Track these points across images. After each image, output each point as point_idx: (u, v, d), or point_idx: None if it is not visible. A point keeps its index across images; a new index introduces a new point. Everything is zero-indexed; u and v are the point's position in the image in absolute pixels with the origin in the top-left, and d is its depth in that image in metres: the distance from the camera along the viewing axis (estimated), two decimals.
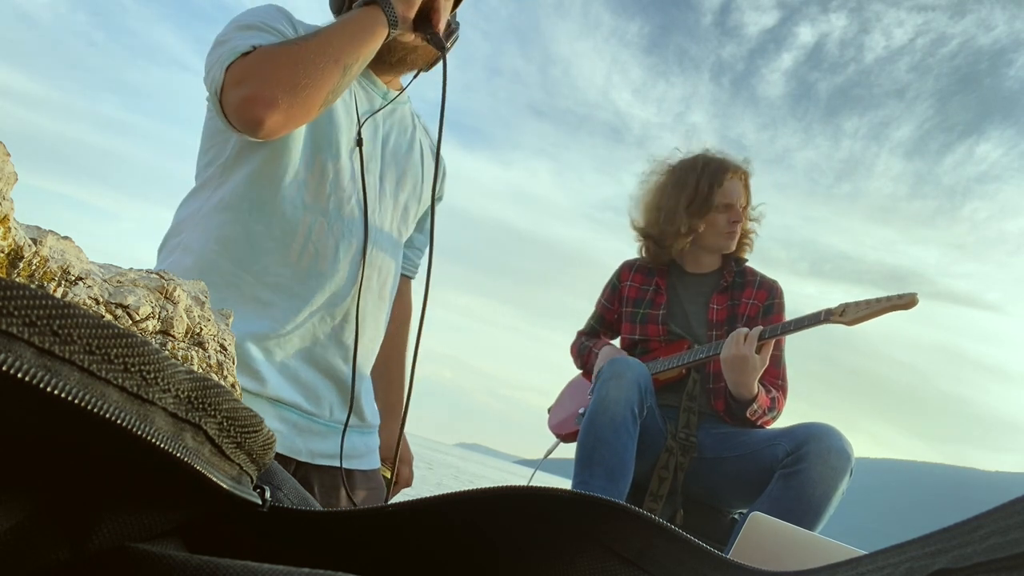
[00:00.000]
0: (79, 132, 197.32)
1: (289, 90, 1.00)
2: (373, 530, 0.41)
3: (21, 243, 0.31)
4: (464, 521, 0.41)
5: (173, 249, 1.19)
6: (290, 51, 1.02)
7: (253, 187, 1.15)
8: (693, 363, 1.82)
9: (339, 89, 1.06)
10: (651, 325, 1.95)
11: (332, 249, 1.17)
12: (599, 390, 1.68)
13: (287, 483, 0.45)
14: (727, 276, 1.94)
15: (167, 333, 0.39)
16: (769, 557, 0.66)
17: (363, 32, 1.07)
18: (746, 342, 1.66)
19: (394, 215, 1.31)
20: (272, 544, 0.41)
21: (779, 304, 1.89)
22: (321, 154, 1.18)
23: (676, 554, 0.38)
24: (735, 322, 1.88)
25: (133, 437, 0.25)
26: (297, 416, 1.19)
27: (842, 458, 1.49)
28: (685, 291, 1.98)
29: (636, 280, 2.04)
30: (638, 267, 2.05)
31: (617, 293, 2.07)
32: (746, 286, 1.93)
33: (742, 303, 1.90)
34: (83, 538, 0.29)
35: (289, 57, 1.02)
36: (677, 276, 2.01)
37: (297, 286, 1.15)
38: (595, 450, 1.62)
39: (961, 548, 0.24)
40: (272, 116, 1.00)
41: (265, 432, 0.36)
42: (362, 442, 1.30)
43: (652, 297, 1.98)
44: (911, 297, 1.56)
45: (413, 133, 1.37)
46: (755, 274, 1.95)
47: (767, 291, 1.90)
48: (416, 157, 1.35)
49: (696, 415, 1.80)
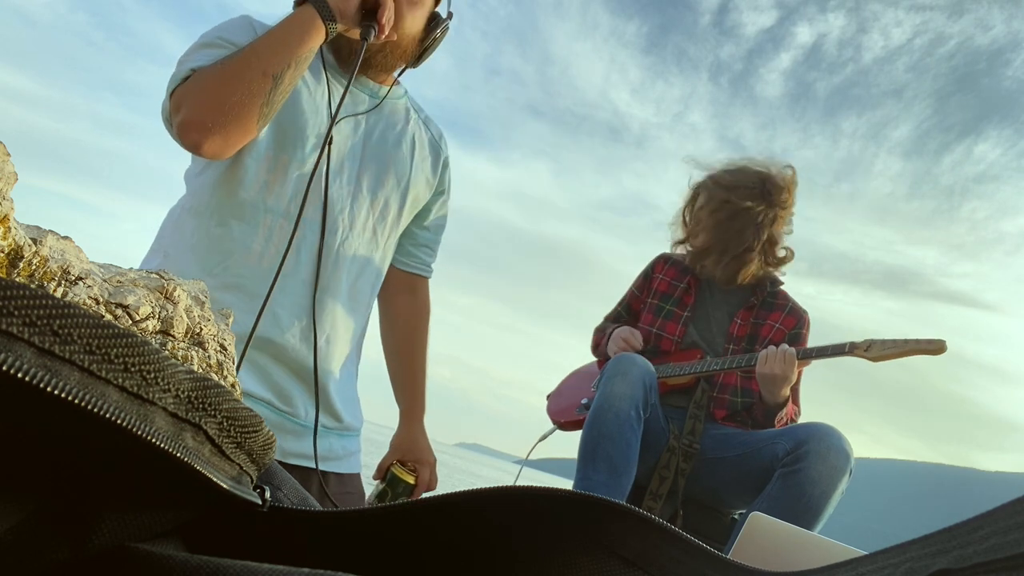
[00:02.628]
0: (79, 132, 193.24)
1: (218, 112, 1.01)
2: (373, 530, 0.41)
3: (21, 243, 0.31)
4: (464, 521, 0.41)
5: (154, 253, 1.23)
6: (217, 72, 1.03)
7: (216, 192, 1.17)
8: (705, 374, 1.81)
9: (274, 100, 1.06)
10: (671, 323, 1.94)
11: (294, 249, 1.15)
12: (604, 386, 1.68)
13: (287, 483, 0.45)
14: (759, 295, 1.91)
15: (167, 333, 0.39)
16: (769, 557, 0.66)
17: (293, 36, 1.05)
18: (787, 362, 1.65)
19: (371, 212, 1.29)
20: (272, 544, 0.41)
21: (804, 335, 1.87)
22: (284, 154, 1.18)
23: (676, 554, 0.38)
24: (755, 342, 1.86)
25: (133, 437, 0.25)
26: (268, 411, 1.18)
27: (841, 457, 1.49)
28: (713, 296, 1.96)
29: (669, 275, 2.02)
30: (674, 262, 2.04)
31: (648, 283, 2.05)
32: (775, 309, 1.90)
33: (767, 325, 1.88)
34: (83, 538, 0.29)
35: (216, 78, 1.03)
36: (707, 282, 1.98)
37: (259, 287, 1.14)
38: (599, 445, 1.62)
39: (961, 548, 0.24)
40: (209, 140, 1.02)
41: (265, 432, 0.36)
42: (339, 444, 1.29)
43: (681, 296, 1.97)
44: (939, 343, 1.54)
45: (404, 128, 1.35)
46: (787, 299, 1.92)
47: (796, 319, 1.88)
48: (404, 152, 1.33)
49: (702, 422, 1.80)
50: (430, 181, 1.40)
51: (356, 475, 1.35)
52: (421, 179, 1.37)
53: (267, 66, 1.03)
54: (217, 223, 1.17)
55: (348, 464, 1.31)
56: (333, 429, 1.28)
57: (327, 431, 1.26)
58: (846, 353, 1.66)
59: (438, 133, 1.44)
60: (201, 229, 1.17)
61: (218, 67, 1.04)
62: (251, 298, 1.14)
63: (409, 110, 1.38)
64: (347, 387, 1.32)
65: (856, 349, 1.64)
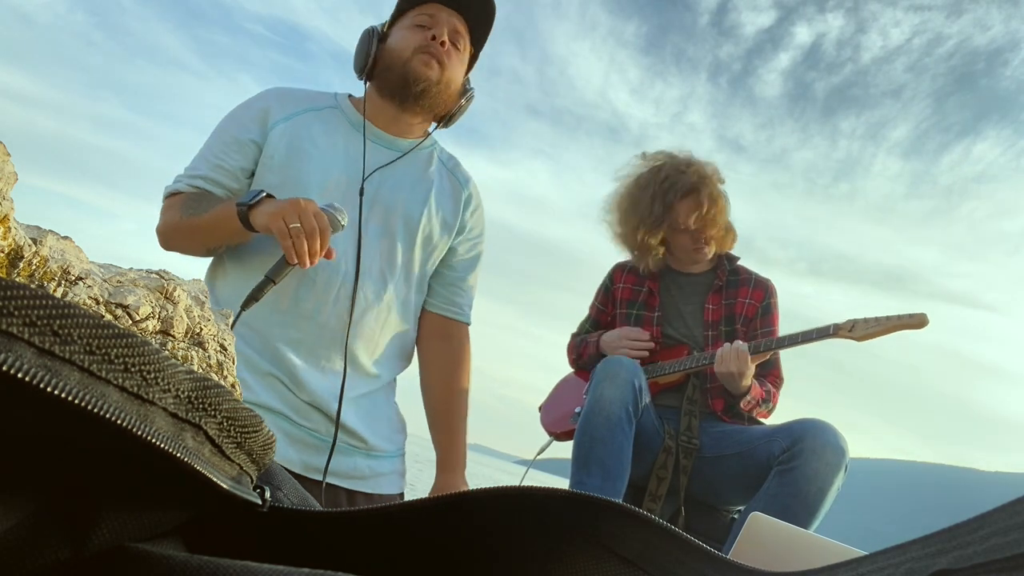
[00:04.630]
0: (79, 132, 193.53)
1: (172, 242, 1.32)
2: (373, 530, 0.41)
3: (21, 243, 0.31)
4: (463, 521, 0.41)
5: None
6: (174, 222, 1.29)
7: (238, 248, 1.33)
8: (693, 369, 1.82)
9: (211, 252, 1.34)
10: (645, 326, 1.95)
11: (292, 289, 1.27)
12: (594, 390, 1.68)
13: (287, 483, 0.45)
14: (720, 275, 1.94)
15: (167, 333, 0.39)
16: (769, 557, 0.66)
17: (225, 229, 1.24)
18: (740, 359, 1.67)
19: (378, 256, 1.34)
20: (272, 544, 0.41)
21: (775, 303, 1.91)
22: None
23: (676, 554, 0.38)
24: (733, 321, 1.88)
25: (133, 437, 0.25)
26: (289, 425, 1.22)
27: (837, 454, 1.50)
28: (679, 291, 1.98)
29: (628, 281, 2.04)
30: (630, 268, 2.05)
31: (610, 295, 2.07)
32: (740, 284, 1.93)
33: (738, 302, 1.90)
34: (83, 538, 0.29)
35: (172, 227, 1.30)
36: (670, 277, 2.01)
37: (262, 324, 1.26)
38: (591, 450, 1.62)
39: (962, 548, 0.24)
40: (170, 250, 1.34)
41: (265, 432, 0.36)
42: (366, 464, 1.31)
43: (645, 299, 1.98)
44: (921, 317, 1.58)
45: (423, 173, 1.42)
46: (748, 273, 1.96)
47: (763, 290, 1.91)
48: (417, 196, 1.40)
49: (697, 418, 1.80)
50: (448, 223, 1.44)
51: (394, 496, 1.37)
52: (435, 222, 1.41)
53: (206, 240, 1.29)
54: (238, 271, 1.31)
55: (376, 484, 1.33)
56: (361, 449, 1.31)
57: (353, 450, 1.29)
58: (831, 335, 1.67)
59: (464, 178, 1.50)
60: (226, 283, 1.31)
61: (176, 218, 1.28)
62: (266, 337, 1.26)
63: (434, 157, 1.46)
64: (370, 410, 1.34)
65: (840, 330, 1.66)
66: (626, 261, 2.09)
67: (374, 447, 1.32)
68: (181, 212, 1.27)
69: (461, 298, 1.49)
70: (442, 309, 1.47)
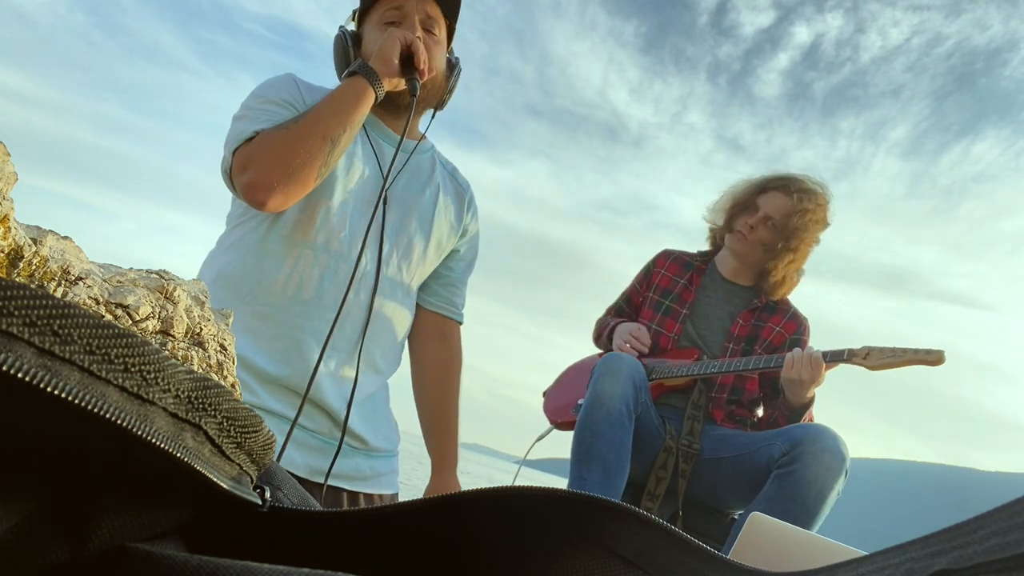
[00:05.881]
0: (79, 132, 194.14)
1: (283, 173, 1.11)
2: (373, 530, 0.41)
3: (21, 243, 0.31)
4: (463, 521, 0.41)
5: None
6: (282, 136, 1.12)
7: (252, 230, 1.27)
8: (703, 375, 1.81)
9: (331, 160, 1.16)
10: (670, 320, 1.94)
11: (316, 279, 1.23)
12: (594, 385, 1.68)
13: (287, 483, 0.45)
14: (763, 298, 1.92)
15: (167, 333, 0.39)
16: (769, 557, 0.66)
17: (348, 103, 1.16)
18: (813, 366, 1.64)
19: (396, 251, 1.34)
20: (272, 544, 0.41)
21: (805, 341, 1.88)
22: (315, 197, 1.25)
23: (676, 554, 0.38)
24: (755, 343, 1.87)
25: (133, 437, 0.25)
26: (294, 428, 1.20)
27: (836, 458, 1.49)
28: (715, 294, 1.97)
29: (671, 270, 2.03)
30: (675, 257, 2.05)
31: (648, 278, 2.07)
32: (776, 312, 1.91)
33: (767, 327, 1.89)
34: (83, 538, 0.29)
35: (282, 142, 1.12)
36: (711, 278, 2.00)
37: (281, 314, 1.22)
38: (591, 445, 1.62)
39: (962, 549, 0.24)
40: (272, 198, 1.12)
41: (265, 432, 0.36)
42: (368, 465, 1.31)
43: (680, 292, 1.98)
44: (938, 354, 1.54)
45: (429, 178, 1.42)
46: (788, 305, 1.94)
47: (797, 324, 1.90)
48: (427, 198, 1.40)
49: (700, 423, 1.80)
50: (454, 226, 1.45)
51: (391, 495, 1.36)
52: (444, 223, 1.42)
53: (327, 131, 1.13)
54: (248, 255, 1.25)
55: (378, 484, 1.33)
56: (362, 450, 1.30)
57: (354, 451, 1.28)
58: (844, 360, 1.65)
59: (464, 183, 1.51)
60: (235, 261, 1.25)
61: (282, 131, 1.12)
62: (275, 324, 1.21)
63: (435, 162, 1.46)
64: (372, 411, 1.34)
65: (855, 357, 1.63)
66: (673, 249, 2.09)
67: (374, 447, 1.32)
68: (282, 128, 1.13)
69: (459, 298, 1.51)
70: (441, 309, 1.48)
